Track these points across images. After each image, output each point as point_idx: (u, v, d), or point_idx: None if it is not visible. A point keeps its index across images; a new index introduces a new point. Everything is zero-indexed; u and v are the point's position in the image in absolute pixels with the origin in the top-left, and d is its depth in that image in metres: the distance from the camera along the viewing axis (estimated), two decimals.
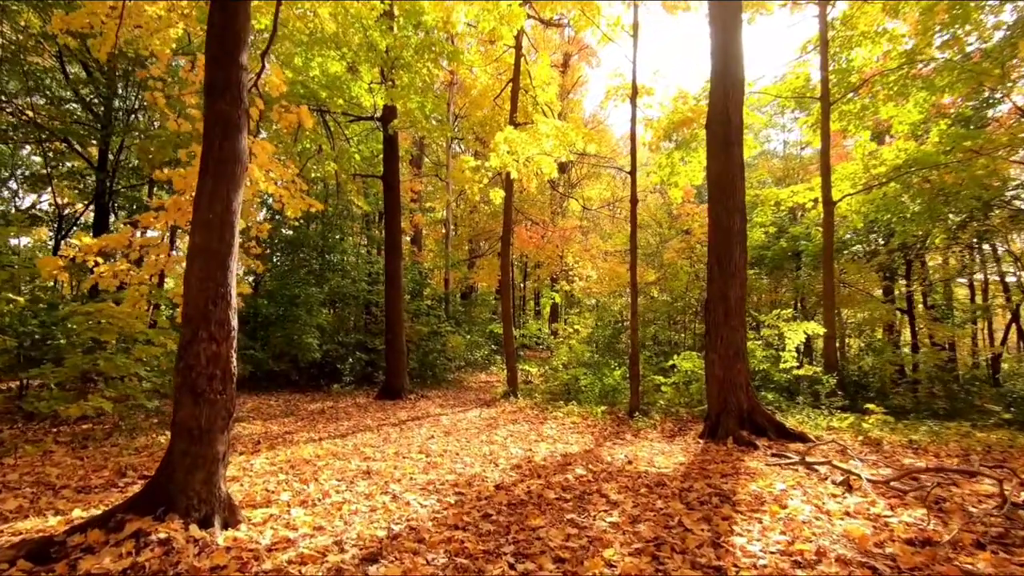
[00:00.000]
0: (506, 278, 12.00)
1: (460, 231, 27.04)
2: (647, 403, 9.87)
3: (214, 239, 3.65)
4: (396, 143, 11.97)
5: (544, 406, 10.50)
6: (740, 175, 7.93)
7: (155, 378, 7.29)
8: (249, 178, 6.59)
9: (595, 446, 7.24)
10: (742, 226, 7.86)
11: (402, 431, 8.02)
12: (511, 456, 6.35)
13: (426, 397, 11.99)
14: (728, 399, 7.48)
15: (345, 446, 6.69)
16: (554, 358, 13.75)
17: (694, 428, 8.45)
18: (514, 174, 10.11)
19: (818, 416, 8.58)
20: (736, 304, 7.69)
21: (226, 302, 3.67)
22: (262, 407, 10.20)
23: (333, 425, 8.40)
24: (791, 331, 10.53)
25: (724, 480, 5.05)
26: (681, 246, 16.53)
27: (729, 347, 7.60)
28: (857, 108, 12.08)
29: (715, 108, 8.03)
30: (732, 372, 7.55)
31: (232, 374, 3.72)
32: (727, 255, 7.75)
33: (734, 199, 7.82)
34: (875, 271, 15.60)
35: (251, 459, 5.73)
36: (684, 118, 11.39)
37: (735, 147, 7.90)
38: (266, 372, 13.32)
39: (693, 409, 9.55)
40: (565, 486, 4.91)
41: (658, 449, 6.94)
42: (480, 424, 8.82)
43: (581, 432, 8.24)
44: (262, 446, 6.45)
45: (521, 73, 12.60)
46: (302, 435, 7.42)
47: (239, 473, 5.08)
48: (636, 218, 9.72)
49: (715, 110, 8.03)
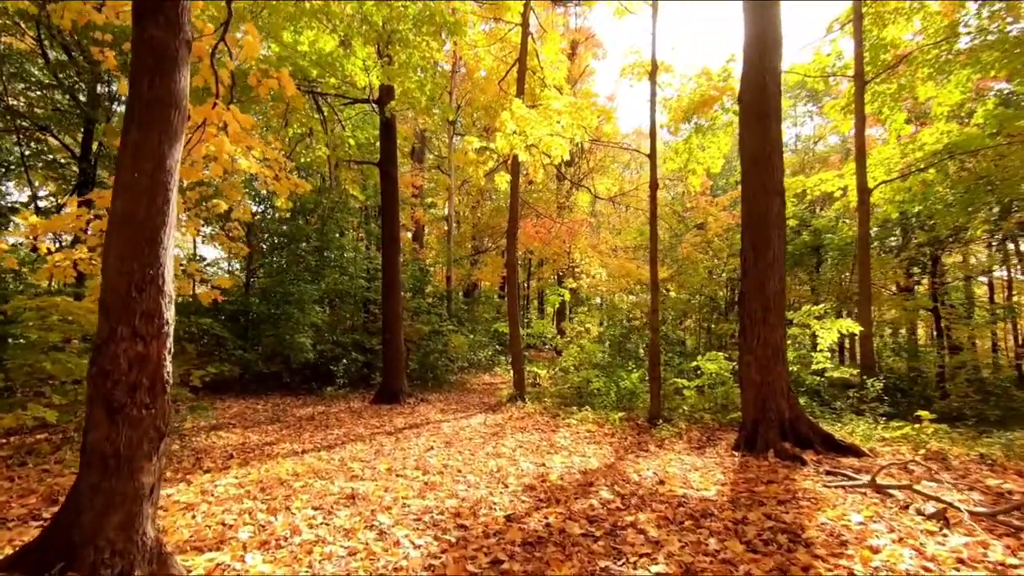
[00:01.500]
0: (512, 272, 11.12)
1: (463, 228, 26.16)
2: (668, 408, 8.99)
3: (141, 205, 2.79)
4: (393, 127, 11.10)
5: (555, 411, 9.62)
6: (778, 151, 7.03)
7: None
8: (226, 155, 5.77)
9: (616, 459, 6.36)
10: (781, 209, 6.96)
11: (397, 441, 7.14)
12: (522, 473, 5.47)
13: (426, 401, 11.11)
14: (767, 406, 6.58)
15: (330, 461, 5.82)
16: (563, 359, 12.86)
17: (724, 438, 7.56)
18: (522, 157, 9.24)
19: (861, 424, 7.68)
20: (775, 298, 6.80)
21: (156, 288, 2.81)
22: (247, 412, 9.35)
23: (321, 434, 7.54)
24: (824, 330, 9.61)
25: (783, 508, 4.17)
26: (696, 240, 15.64)
27: (767, 347, 6.70)
28: (893, 88, 11.16)
29: (749, 75, 7.13)
30: (771, 376, 6.65)
31: (166, 382, 2.85)
32: (764, 242, 6.85)
33: (772, 178, 6.92)
34: (904, 267, 14.70)
35: (217, 478, 4.86)
36: (706, 98, 10.50)
37: (772, 119, 6.99)
38: (256, 374, 12.50)
39: (720, 416, 8.66)
40: (591, 516, 4.02)
41: (689, 464, 6.05)
42: (485, 432, 7.95)
43: (598, 442, 7.35)
44: (234, 461, 5.59)
45: (528, 54, 11.72)
46: (284, 446, 6.55)
47: (195, 499, 4.21)
48: (656, 205, 8.83)
49: (749, 78, 7.13)
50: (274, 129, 10.12)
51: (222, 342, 12.17)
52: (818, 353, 9.60)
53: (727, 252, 14.86)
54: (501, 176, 8.91)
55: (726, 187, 20.44)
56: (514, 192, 10.43)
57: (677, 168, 12.18)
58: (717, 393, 8.99)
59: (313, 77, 10.27)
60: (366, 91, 11.45)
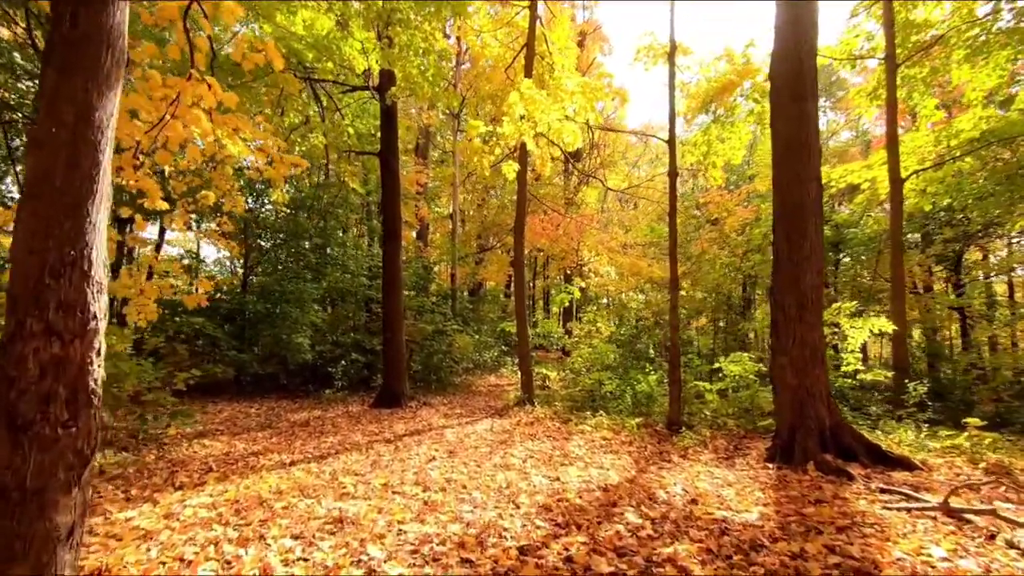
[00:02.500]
0: (519, 268, 10.50)
1: (468, 226, 25.57)
2: (687, 413, 8.35)
3: (59, 166, 2.20)
4: (394, 115, 10.51)
5: (566, 416, 9.00)
6: (815, 134, 6.39)
7: None
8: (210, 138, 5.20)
9: (637, 472, 5.74)
10: (818, 196, 6.33)
11: (397, 450, 6.54)
12: (535, 489, 4.86)
13: (429, 404, 10.52)
14: (805, 413, 5.94)
15: (320, 474, 5.22)
16: (572, 360, 12.24)
17: (752, 447, 6.92)
18: (530, 145, 8.62)
19: (904, 431, 7.01)
20: (812, 294, 6.16)
21: (80, 273, 2.21)
22: (238, 417, 8.78)
23: (315, 442, 6.95)
24: (854, 328, 8.95)
25: (844, 537, 3.53)
26: (712, 235, 14.98)
27: (804, 347, 6.06)
28: (925, 72, 10.48)
29: (783, 53, 6.49)
30: (809, 379, 6.01)
31: (92, 392, 2.26)
32: (799, 232, 6.21)
33: (808, 164, 6.28)
34: (931, 263, 13.99)
35: (188, 497, 4.27)
36: (726, 82, 9.86)
37: (808, 99, 6.35)
38: (252, 376, 11.95)
39: (745, 422, 8.02)
40: (619, 547, 3.41)
41: (720, 478, 5.42)
42: (492, 440, 7.34)
43: (615, 451, 6.73)
44: (212, 475, 5.00)
45: (536, 39, 11.11)
46: (271, 457, 5.96)
47: (156, 524, 3.62)
48: (676, 194, 8.19)
49: (783, 56, 6.49)
50: (268, 116, 9.53)
51: (217, 343, 11.64)
52: (848, 354, 8.93)
53: (744, 248, 14.21)
54: (509, 165, 8.29)
55: (738, 182, 19.77)
56: (521, 183, 9.82)
57: (695, 161, 11.54)
58: (742, 397, 8.34)
59: (309, 62, 9.70)
60: (365, 78, 10.88)
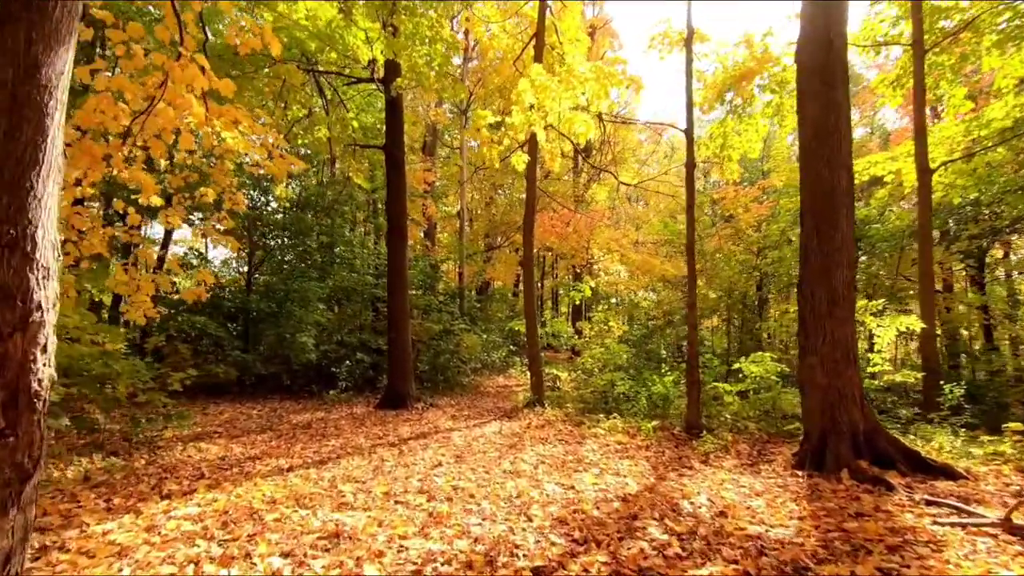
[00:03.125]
0: (529, 264, 10.14)
1: (476, 225, 25.25)
2: (706, 416, 7.95)
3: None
4: (400, 107, 10.20)
5: (578, 418, 8.63)
6: (846, 120, 5.99)
7: (69, 388, 5.57)
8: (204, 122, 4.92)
9: (656, 479, 5.37)
10: (849, 184, 5.92)
11: (401, 455, 6.21)
12: (548, 499, 4.50)
13: (435, 406, 10.19)
14: (837, 416, 5.54)
15: (319, 481, 4.90)
16: (582, 360, 11.85)
17: (777, 451, 6.53)
18: (541, 136, 8.27)
19: (940, 436, 6.58)
20: (843, 288, 5.76)
21: (21, 255, 1.89)
22: (239, 419, 8.49)
23: (315, 445, 6.63)
24: (881, 327, 8.52)
25: (898, 559, 3.15)
26: (727, 232, 14.54)
27: (836, 346, 5.66)
28: (953, 60, 10.00)
29: (811, 34, 6.09)
30: (841, 380, 5.61)
31: (36, 395, 1.93)
32: (830, 223, 5.81)
33: (839, 150, 5.88)
34: (955, 260, 13.47)
35: (174, 507, 3.96)
36: (745, 71, 9.45)
37: (839, 86, 5.95)
38: (256, 376, 11.66)
39: (766, 425, 7.62)
40: (644, 568, 3.05)
41: (747, 487, 5.04)
42: (501, 444, 6.99)
43: (631, 456, 6.36)
44: (203, 482, 4.69)
45: (547, 29, 10.76)
46: (268, 462, 5.65)
47: (135, 539, 3.31)
48: (693, 186, 7.81)
49: (811, 36, 6.09)
50: (269, 109, 9.26)
51: (220, 342, 11.39)
52: (875, 354, 8.49)
53: (759, 245, 13.78)
54: (518, 156, 7.95)
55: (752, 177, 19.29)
56: (531, 176, 9.47)
57: (711, 154, 11.14)
58: (763, 399, 7.93)
59: (312, 52, 9.42)
60: (370, 69, 10.57)
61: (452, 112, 21.86)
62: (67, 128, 4.21)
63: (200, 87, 4.47)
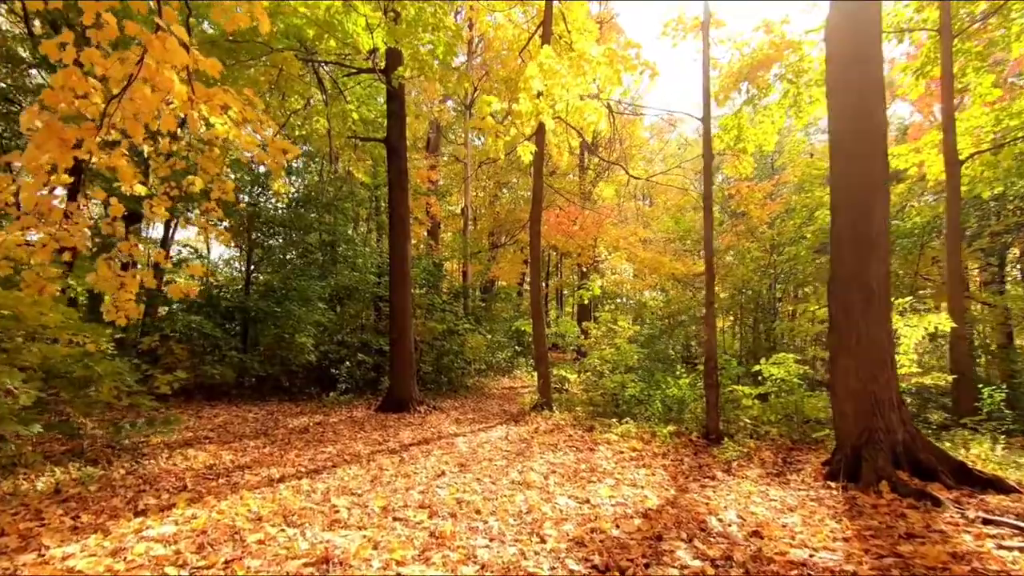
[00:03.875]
0: (536, 261, 9.72)
1: (480, 224, 24.85)
2: (724, 420, 7.53)
3: None
4: (402, 98, 9.80)
5: (588, 423, 8.22)
6: (880, 101, 5.54)
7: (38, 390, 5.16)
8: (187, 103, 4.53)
9: (677, 491, 4.95)
10: (885, 174, 5.49)
11: (401, 463, 5.81)
12: (561, 515, 4.09)
13: (439, 409, 9.78)
14: (873, 423, 5.11)
15: (311, 494, 4.51)
16: (590, 360, 11.41)
17: (803, 460, 6.11)
18: (549, 124, 7.89)
19: (979, 444, 6.13)
20: (879, 284, 5.32)
21: None
22: (233, 422, 8.11)
23: (311, 452, 6.24)
24: (909, 327, 8.06)
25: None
26: (739, 229, 14.10)
27: (871, 347, 5.23)
28: (981, 46, 9.54)
29: (844, 7, 5.66)
30: (877, 384, 5.18)
31: None
32: (863, 214, 5.38)
33: (873, 136, 5.44)
34: (982, 257, 13.00)
35: (148, 525, 3.57)
36: (762, 57, 9.02)
37: (873, 62, 5.52)
38: (255, 378, 11.27)
39: (788, 430, 7.18)
40: None
41: (778, 500, 4.62)
42: (508, 450, 6.58)
43: (648, 465, 5.95)
44: (184, 495, 4.30)
45: (554, 18, 10.36)
46: (259, 471, 5.26)
47: (95, 567, 2.92)
48: (711, 178, 7.39)
49: (843, 10, 5.66)
50: (265, 99, 8.88)
51: (217, 343, 11.01)
52: (902, 355, 8.05)
53: (771, 242, 13.33)
54: (525, 147, 7.54)
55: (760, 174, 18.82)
56: (538, 168, 9.07)
57: (725, 147, 10.70)
58: (786, 403, 7.49)
59: (310, 40, 9.04)
60: (371, 60, 10.19)
61: (456, 110, 21.48)
62: (32, 109, 3.83)
63: (181, 63, 4.07)
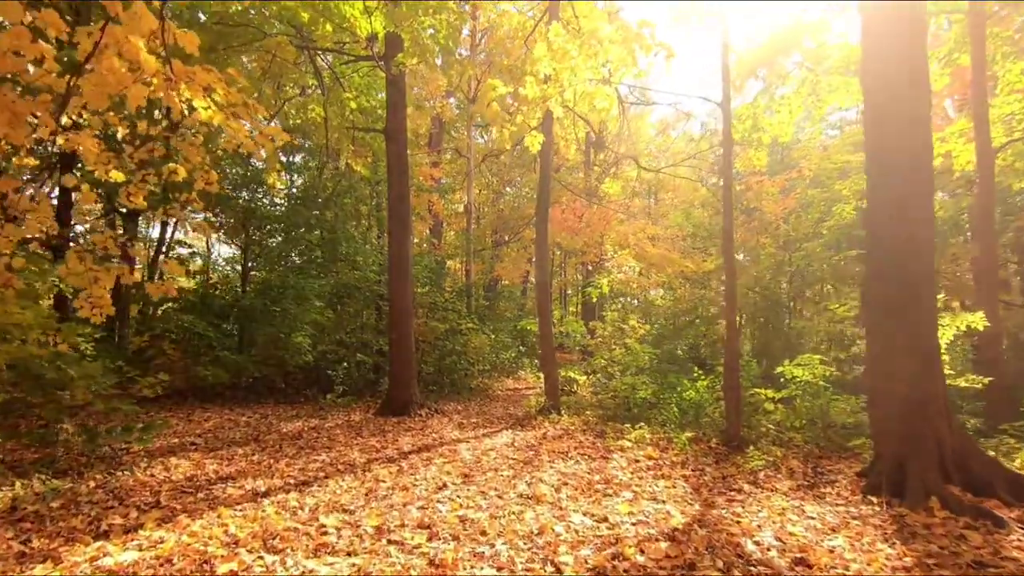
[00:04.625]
0: (543, 256, 9.25)
1: (483, 221, 24.41)
2: (746, 426, 7.05)
3: None
4: (402, 87, 9.35)
5: (599, 427, 7.76)
6: (924, 69, 5.04)
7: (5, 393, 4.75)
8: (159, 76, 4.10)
9: (703, 507, 4.48)
10: (930, 155, 4.99)
11: (400, 473, 5.36)
12: (578, 536, 3.64)
13: (441, 412, 9.33)
14: (919, 432, 4.63)
15: (299, 511, 4.06)
16: (597, 360, 10.93)
17: (835, 470, 5.64)
18: (557, 112, 7.40)
19: None
20: (924, 280, 4.84)
21: None
22: (224, 427, 7.68)
23: (302, 461, 5.79)
24: (941, 326, 7.55)
25: None
26: (753, 225, 13.61)
27: (916, 348, 4.75)
28: (1010, 31, 9.05)
29: None
30: (922, 388, 4.69)
31: None
32: (907, 203, 4.88)
33: (918, 107, 4.94)
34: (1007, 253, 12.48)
35: (108, 551, 3.13)
36: (782, 43, 8.53)
37: (916, 21, 5.00)
38: (250, 379, 10.82)
39: (813, 436, 6.69)
40: None
41: (817, 518, 4.14)
42: (515, 459, 6.12)
43: (667, 475, 5.48)
44: (155, 513, 3.85)
45: (560, 6, 9.89)
46: (243, 484, 4.81)
47: None
48: (731, 166, 6.93)
49: None
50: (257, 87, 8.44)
51: (210, 342, 10.58)
52: None
53: (786, 238, 12.85)
54: (533, 136, 7.08)
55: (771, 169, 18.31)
56: (546, 158, 8.62)
57: (740, 137, 10.21)
58: (811, 407, 7.01)
59: (305, 24, 8.60)
60: (369, 47, 9.75)
61: (459, 107, 21.06)
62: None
63: (148, 28, 3.63)
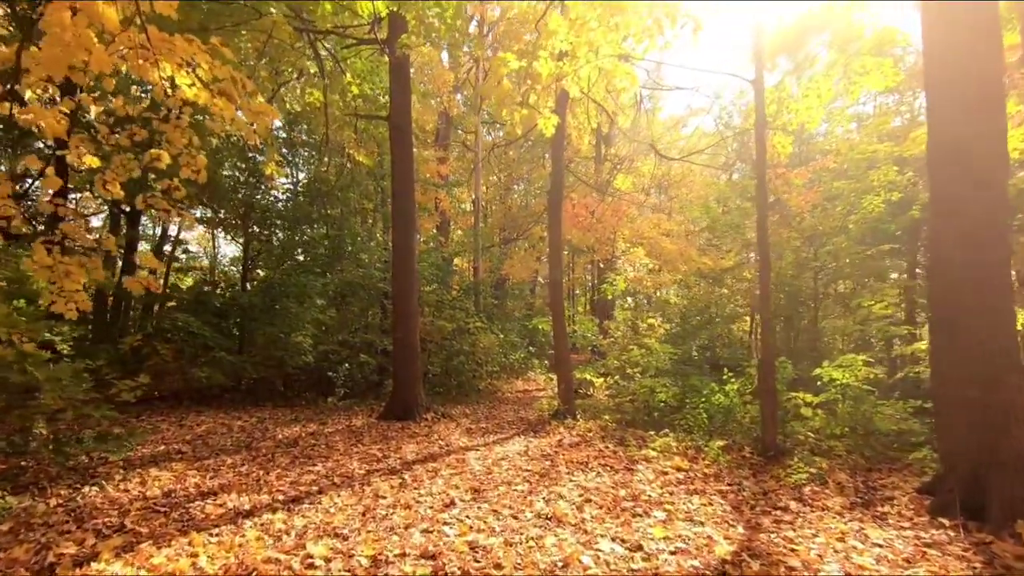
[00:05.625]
0: (556, 251, 8.67)
1: (491, 219, 23.86)
2: (781, 434, 6.43)
3: None
4: (406, 71, 8.82)
5: (618, 433, 7.18)
6: (997, 36, 4.43)
7: None
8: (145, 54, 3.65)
9: (748, 530, 3.90)
10: (1002, 129, 4.37)
11: (402, 487, 4.81)
12: (609, 570, 3.07)
13: (448, 416, 8.77)
14: (998, 444, 4.00)
15: (284, 535, 3.51)
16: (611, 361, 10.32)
17: (889, 484, 5.02)
18: (573, 92, 6.90)
19: None
20: (1000, 270, 4.22)
21: None
22: (216, 433, 7.16)
23: (295, 472, 5.25)
24: None
25: None
26: (774, 219, 12.93)
27: (992, 350, 4.12)
28: None
29: None
30: (1001, 394, 4.06)
31: None
32: (980, 178, 4.25)
33: (989, 80, 4.33)
34: None
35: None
36: (812, 21, 7.91)
37: None
38: (249, 380, 10.33)
39: (857, 444, 6.07)
40: None
41: (885, 545, 3.55)
42: (530, 470, 5.55)
43: (700, 490, 4.88)
44: (116, 540, 3.32)
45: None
46: (225, 501, 4.27)
47: None
48: (764, 147, 6.34)
49: None
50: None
51: (207, 343, 10.10)
52: None
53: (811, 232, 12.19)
54: (547, 119, 6.54)
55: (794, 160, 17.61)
56: (558, 145, 8.05)
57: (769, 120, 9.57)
58: (855, 413, 6.38)
59: (303, 3, 8.09)
60: (372, 30, 9.22)
61: (467, 103, 20.59)
62: None
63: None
